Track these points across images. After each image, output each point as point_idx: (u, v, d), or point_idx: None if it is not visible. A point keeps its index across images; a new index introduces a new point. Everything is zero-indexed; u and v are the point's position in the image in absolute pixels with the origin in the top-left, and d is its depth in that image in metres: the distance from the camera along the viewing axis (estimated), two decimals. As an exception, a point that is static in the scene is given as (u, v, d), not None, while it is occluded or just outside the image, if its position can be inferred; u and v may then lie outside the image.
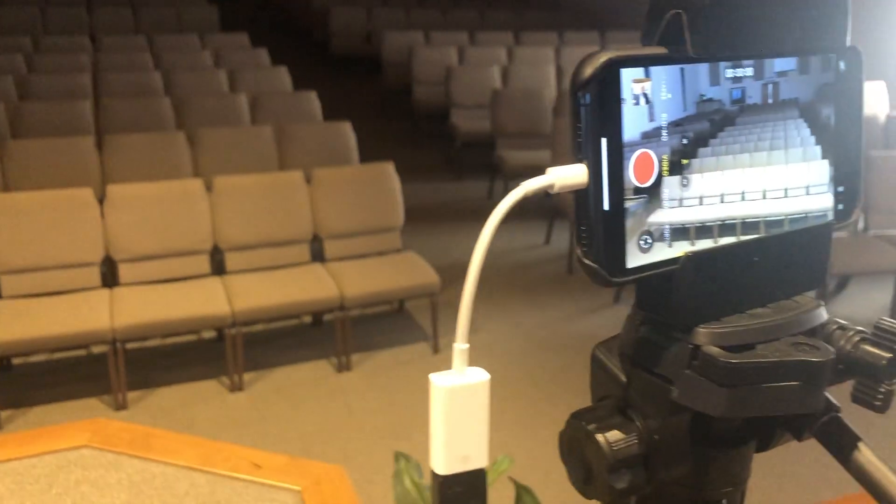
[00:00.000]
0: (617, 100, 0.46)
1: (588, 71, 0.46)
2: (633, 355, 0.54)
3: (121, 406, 3.47)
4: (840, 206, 0.57)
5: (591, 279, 0.48)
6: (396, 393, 3.65)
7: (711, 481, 0.56)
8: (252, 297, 3.64)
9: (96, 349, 3.68)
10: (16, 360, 3.76)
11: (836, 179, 0.57)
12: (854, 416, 0.54)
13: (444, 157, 7.06)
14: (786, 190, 0.55)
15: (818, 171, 0.56)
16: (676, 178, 0.50)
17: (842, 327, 0.54)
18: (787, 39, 0.52)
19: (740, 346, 0.50)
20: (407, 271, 3.99)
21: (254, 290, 3.69)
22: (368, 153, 4.77)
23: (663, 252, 0.50)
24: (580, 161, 0.47)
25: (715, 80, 0.50)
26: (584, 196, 0.47)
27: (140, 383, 3.66)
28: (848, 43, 0.54)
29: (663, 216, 0.50)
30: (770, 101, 0.53)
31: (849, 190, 0.58)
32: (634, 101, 0.47)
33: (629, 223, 0.48)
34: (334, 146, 4.67)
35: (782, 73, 0.53)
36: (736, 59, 0.50)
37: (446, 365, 0.51)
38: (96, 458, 1.76)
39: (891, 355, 0.50)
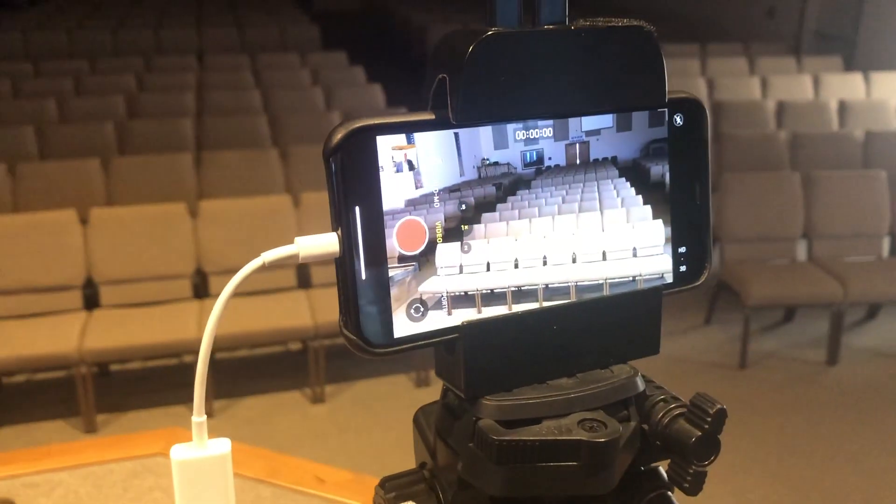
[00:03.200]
0: (374, 168, 0.44)
1: (336, 138, 0.44)
2: (436, 423, 0.52)
3: (207, 414, 3.58)
4: (683, 268, 0.53)
5: (352, 350, 0.46)
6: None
7: None
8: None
9: (187, 358, 3.81)
10: (113, 367, 3.95)
11: (676, 240, 0.53)
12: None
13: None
14: (604, 253, 0.51)
15: (648, 232, 0.52)
16: (454, 245, 0.47)
17: (665, 400, 0.49)
18: (592, 98, 0.48)
19: (522, 421, 0.47)
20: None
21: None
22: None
23: (441, 320, 0.47)
24: (336, 229, 0.45)
25: (501, 142, 0.47)
26: (341, 265, 0.46)
27: (225, 393, 3.77)
28: (666, 100, 0.50)
29: (438, 284, 0.47)
30: (578, 161, 0.49)
31: (693, 250, 0.53)
32: (396, 169, 0.45)
33: (395, 291, 0.46)
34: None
35: (594, 132, 0.49)
36: (501, 123, 0.47)
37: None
38: (170, 465, 1.83)
39: (700, 434, 0.46)
